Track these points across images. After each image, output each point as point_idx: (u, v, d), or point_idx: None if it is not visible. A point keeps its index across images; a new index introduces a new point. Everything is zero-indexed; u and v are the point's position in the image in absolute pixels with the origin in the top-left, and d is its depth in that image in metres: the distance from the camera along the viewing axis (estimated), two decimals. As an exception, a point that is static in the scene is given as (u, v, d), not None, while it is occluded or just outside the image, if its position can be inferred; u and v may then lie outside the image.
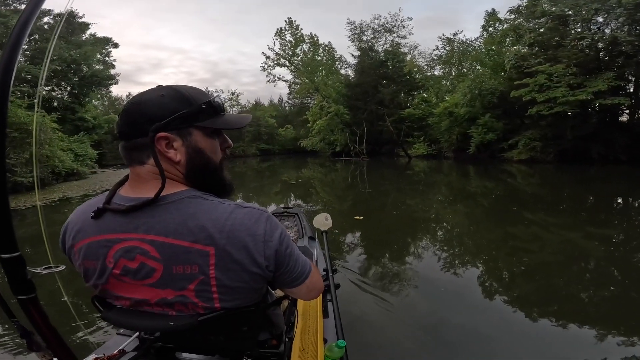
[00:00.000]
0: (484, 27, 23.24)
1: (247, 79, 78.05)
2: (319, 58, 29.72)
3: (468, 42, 25.25)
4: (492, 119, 17.88)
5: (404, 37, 29.67)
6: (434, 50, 29.02)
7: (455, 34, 26.30)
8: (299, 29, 28.76)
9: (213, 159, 0.77)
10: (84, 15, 23.44)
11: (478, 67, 22.26)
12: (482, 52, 21.71)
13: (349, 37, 30.56)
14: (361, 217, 5.87)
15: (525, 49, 17.70)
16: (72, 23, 22.28)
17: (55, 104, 20.79)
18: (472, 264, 4.08)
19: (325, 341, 1.27)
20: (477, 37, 24.57)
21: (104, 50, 26.79)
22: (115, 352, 1.01)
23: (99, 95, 25.64)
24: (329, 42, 30.75)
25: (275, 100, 51.27)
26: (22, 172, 10.70)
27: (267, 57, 29.68)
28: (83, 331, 1.96)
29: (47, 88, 21.62)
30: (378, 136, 26.72)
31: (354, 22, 30.26)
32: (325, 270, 1.85)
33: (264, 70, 30.34)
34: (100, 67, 23.94)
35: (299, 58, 29.37)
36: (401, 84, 27.27)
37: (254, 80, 77.80)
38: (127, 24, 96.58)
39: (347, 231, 5.69)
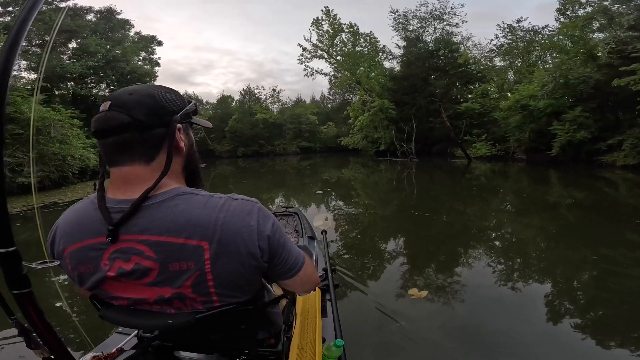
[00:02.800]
0: (560, 11, 19.29)
1: (291, 78, 77.04)
2: (359, 49, 26.07)
3: (536, 29, 21.08)
4: (585, 113, 13.73)
5: (456, 25, 25.42)
6: (492, 40, 24.67)
7: (518, 21, 22.02)
8: (337, 18, 25.20)
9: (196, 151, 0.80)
10: (121, 11, 22.36)
11: (550, 56, 18.42)
12: (559, 39, 17.58)
13: (393, 26, 26.76)
14: (424, 294, 2.99)
15: (622, 33, 13.53)
16: (111, 20, 21.26)
17: (96, 100, 19.87)
18: (528, 278, 3.35)
19: (323, 340, 1.23)
20: (545, 25, 20.81)
21: (149, 49, 25.98)
22: (113, 351, 0.94)
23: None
24: (370, 31, 26.92)
25: (317, 97, 48.96)
26: (27, 171, 9.08)
27: (304, 49, 26.41)
28: (81, 329, 1.59)
29: (92, 85, 20.89)
30: (428, 134, 22.89)
31: (397, 11, 26.23)
32: (325, 270, 1.81)
33: (301, 63, 27.21)
34: (140, 63, 22.84)
35: (338, 49, 25.87)
36: (455, 75, 23.18)
37: (298, 79, 77.18)
38: (180, 27, 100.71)
39: (352, 230, 5.35)
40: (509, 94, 19.59)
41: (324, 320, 1.39)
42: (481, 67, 22.98)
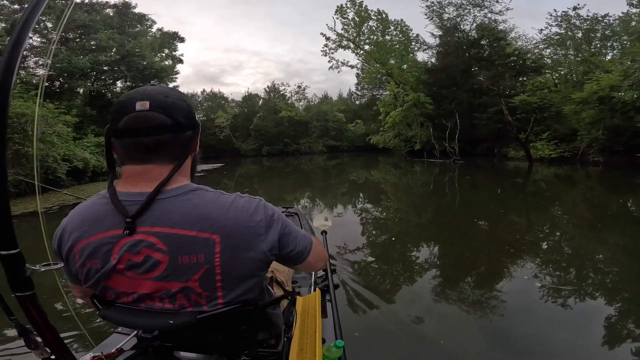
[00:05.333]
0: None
1: (318, 78, 74.98)
2: (389, 38, 23.06)
3: (597, 17, 18.15)
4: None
5: (500, 13, 21.88)
6: (542, 29, 21.12)
7: (574, 9, 18.66)
8: (363, 5, 22.31)
9: None
10: (136, 5, 20.93)
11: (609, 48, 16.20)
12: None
13: (426, 14, 23.64)
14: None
15: None
16: (127, 14, 19.86)
17: (110, 95, 18.54)
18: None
19: (323, 341, 1.17)
20: (605, 14, 18.22)
21: (171, 45, 24.73)
22: (113, 351, 0.93)
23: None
24: (401, 19, 23.73)
25: (344, 95, 46.37)
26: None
27: (328, 39, 23.68)
28: (81, 329, 1.63)
29: (109, 81, 19.70)
30: (470, 132, 19.79)
31: (429, -2, 22.93)
32: (325, 270, 1.74)
33: (325, 55, 24.52)
34: (158, 59, 21.42)
35: (365, 37, 22.94)
36: (503, 66, 19.70)
37: (325, 78, 74.66)
38: (210, 29, 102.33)
39: (353, 229, 5.16)
40: (558, 87, 16.54)
41: (324, 320, 1.34)
42: (536, 56, 19.53)
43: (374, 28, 22.94)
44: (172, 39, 25.01)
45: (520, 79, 19.98)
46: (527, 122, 15.31)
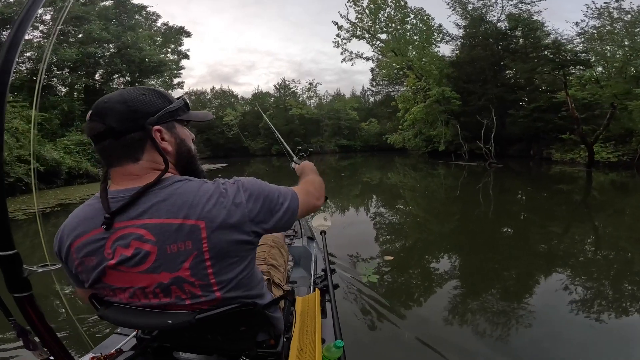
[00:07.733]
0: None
1: (330, 77, 74.12)
2: (409, 27, 21.03)
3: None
4: None
5: (531, 3, 19.51)
6: (577, 22, 18.76)
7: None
8: None
9: (192, 146, 0.79)
10: None
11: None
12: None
13: (448, 3, 21.53)
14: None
15: None
16: (125, 5, 18.38)
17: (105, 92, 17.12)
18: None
19: (323, 341, 1.16)
20: None
21: (177, 40, 23.38)
22: (112, 352, 0.94)
23: (155, 84, 21.41)
24: (421, 7, 21.64)
25: (358, 92, 44.47)
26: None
27: (340, 27, 21.77)
28: (80, 330, 1.44)
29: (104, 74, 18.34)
30: (500, 131, 17.57)
31: (452, -15, 20.78)
32: (324, 270, 1.75)
33: (337, 46, 22.65)
34: (161, 55, 19.93)
35: (383, 24, 20.98)
36: (541, 59, 17.47)
37: (337, 78, 73.73)
38: (223, 30, 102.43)
39: (361, 230, 5.06)
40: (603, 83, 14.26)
41: (323, 321, 1.31)
42: (578, 49, 17.23)
43: (391, 16, 20.97)
44: (178, 33, 23.62)
45: (561, 72, 17.76)
46: (573, 120, 13.13)
